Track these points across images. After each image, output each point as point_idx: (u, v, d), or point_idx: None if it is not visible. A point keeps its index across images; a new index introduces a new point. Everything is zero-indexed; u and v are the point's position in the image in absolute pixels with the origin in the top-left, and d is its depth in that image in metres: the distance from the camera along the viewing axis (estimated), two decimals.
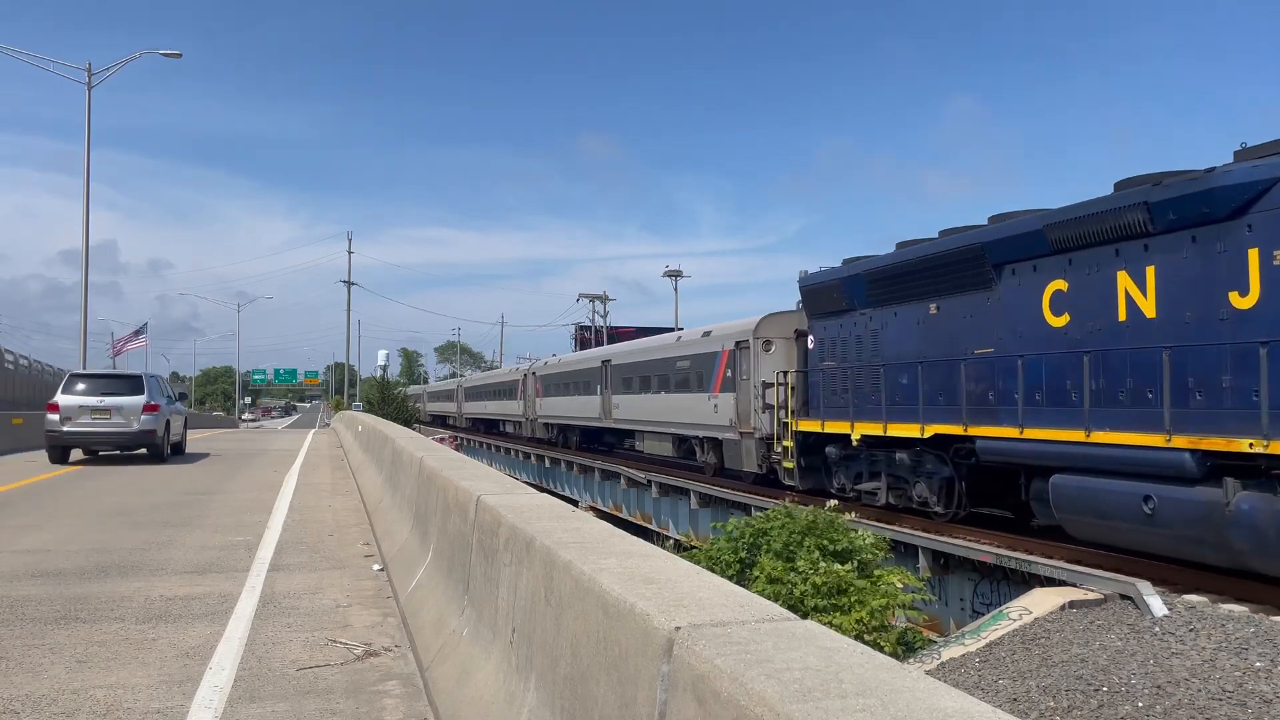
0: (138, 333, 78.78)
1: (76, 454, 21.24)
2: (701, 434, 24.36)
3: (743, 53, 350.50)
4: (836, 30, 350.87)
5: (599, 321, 67.03)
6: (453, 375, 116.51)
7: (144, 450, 20.55)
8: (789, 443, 19.56)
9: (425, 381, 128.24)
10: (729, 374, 22.44)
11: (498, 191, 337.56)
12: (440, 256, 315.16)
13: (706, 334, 24.72)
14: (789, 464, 19.57)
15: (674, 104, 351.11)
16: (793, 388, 19.92)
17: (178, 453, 22.90)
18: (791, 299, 21.29)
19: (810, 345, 19.98)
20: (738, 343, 22.26)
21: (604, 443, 36.45)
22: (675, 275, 64.78)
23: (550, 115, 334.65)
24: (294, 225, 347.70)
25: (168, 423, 21.16)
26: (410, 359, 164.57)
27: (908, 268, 16.84)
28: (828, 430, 18.28)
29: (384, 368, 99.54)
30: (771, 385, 20.72)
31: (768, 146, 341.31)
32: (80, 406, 19.80)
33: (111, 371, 30.39)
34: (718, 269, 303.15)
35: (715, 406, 23.18)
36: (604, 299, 68.15)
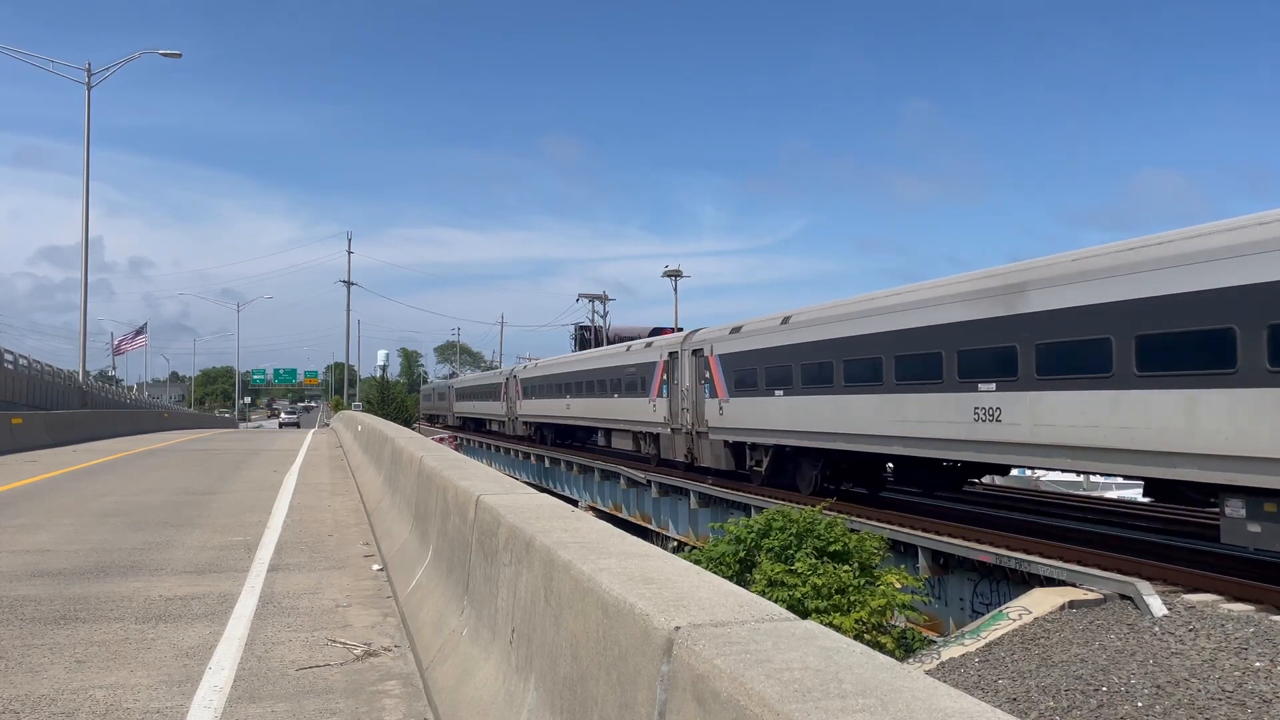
0: (138, 333, 78.84)
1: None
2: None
3: (744, 53, 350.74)
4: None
5: (599, 322, 67.07)
6: (452, 375, 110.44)
7: (297, 424, 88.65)
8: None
9: (424, 381, 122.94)
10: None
11: (497, 191, 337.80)
12: (440, 256, 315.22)
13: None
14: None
15: (676, 105, 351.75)
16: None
17: (296, 426, 77.00)
18: (789, 303, 22.85)
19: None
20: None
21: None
22: (675, 275, 64.78)
23: (551, 115, 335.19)
24: (294, 225, 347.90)
25: (300, 416, 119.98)
26: (410, 359, 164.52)
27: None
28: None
29: (383, 368, 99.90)
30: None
31: (766, 147, 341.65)
32: (283, 412, 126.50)
33: (289, 406, 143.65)
34: (718, 269, 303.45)
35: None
36: (604, 299, 68.16)
